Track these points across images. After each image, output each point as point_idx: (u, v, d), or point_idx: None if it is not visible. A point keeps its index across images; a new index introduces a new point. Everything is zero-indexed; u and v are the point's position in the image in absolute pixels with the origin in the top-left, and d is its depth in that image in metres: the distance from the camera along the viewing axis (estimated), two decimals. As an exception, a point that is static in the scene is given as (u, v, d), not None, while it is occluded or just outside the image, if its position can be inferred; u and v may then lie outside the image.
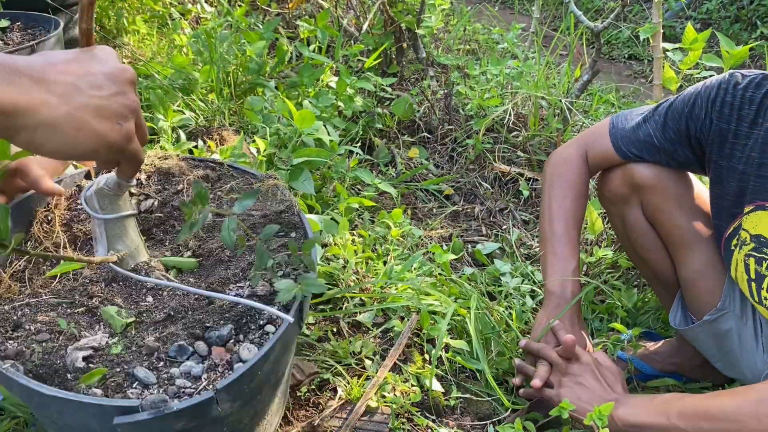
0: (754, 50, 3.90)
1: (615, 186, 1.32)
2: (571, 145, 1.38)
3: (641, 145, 1.26)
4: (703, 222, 1.26)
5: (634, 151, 1.27)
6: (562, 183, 1.35)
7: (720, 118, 1.14)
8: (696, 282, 1.28)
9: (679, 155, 1.22)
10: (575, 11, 2.31)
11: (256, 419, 0.94)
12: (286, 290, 0.88)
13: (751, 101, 1.10)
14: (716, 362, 1.33)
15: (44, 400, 0.75)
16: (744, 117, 1.11)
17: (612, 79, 3.59)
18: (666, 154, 1.24)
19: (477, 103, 2.33)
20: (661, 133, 1.23)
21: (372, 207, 1.93)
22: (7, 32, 1.90)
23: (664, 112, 1.24)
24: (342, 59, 2.50)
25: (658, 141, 1.23)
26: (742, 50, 1.63)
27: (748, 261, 1.12)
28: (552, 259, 1.31)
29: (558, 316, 1.26)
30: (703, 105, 1.16)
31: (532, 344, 1.26)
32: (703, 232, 1.26)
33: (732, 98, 1.12)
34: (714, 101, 1.14)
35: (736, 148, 1.12)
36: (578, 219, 1.34)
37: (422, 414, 1.28)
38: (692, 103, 1.18)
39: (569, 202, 1.33)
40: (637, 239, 1.34)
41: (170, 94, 2.11)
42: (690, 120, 1.19)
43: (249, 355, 0.82)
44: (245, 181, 1.18)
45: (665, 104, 1.25)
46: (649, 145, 1.25)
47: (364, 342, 1.39)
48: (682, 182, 1.27)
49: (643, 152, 1.26)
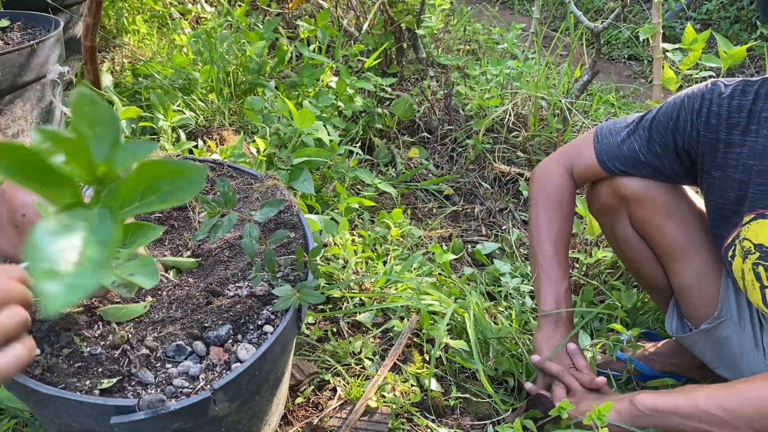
0: (754, 51, 3.89)
1: (603, 198, 1.31)
2: (556, 160, 1.36)
3: (626, 161, 1.24)
4: (694, 232, 1.24)
5: (620, 167, 1.25)
6: (549, 204, 1.34)
7: (707, 129, 1.12)
8: (690, 291, 1.27)
9: (666, 169, 1.21)
10: (575, 11, 2.31)
11: (255, 419, 0.94)
12: (283, 299, 0.87)
13: (740, 109, 1.09)
14: (716, 368, 1.32)
15: (42, 399, 0.75)
16: (734, 125, 1.10)
17: (612, 80, 3.59)
18: (652, 168, 1.22)
19: (477, 103, 2.33)
20: (646, 148, 1.21)
21: (372, 207, 1.93)
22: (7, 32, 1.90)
23: (647, 125, 1.22)
24: (342, 59, 2.50)
25: (644, 156, 1.22)
26: (740, 50, 1.63)
27: (757, 269, 1.11)
28: (545, 282, 1.31)
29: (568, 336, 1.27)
30: (688, 117, 1.15)
31: (550, 366, 1.24)
32: (694, 242, 1.24)
33: (718, 108, 1.11)
34: (699, 112, 1.13)
35: (729, 156, 1.11)
36: (566, 240, 1.34)
37: (422, 414, 1.28)
38: (676, 117, 1.17)
39: (557, 224, 1.32)
40: (628, 250, 1.33)
41: (170, 94, 2.11)
42: (676, 133, 1.17)
43: (247, 356, 0.82)
44: (245, 181, 1.18)
45: (648, 117, 1.23)
46: (634, 160, 1.23)
47: (364, 342, 1.39)
48: (671, 193, 1.25)
49: (628, 167, 1.24)
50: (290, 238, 1.05)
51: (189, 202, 1.14)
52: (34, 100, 1.80)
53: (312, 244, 1.00)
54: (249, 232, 0.83)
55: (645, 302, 1.67)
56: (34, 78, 1.74)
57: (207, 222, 0.82)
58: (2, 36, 1.87)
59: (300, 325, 0.92)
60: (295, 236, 1.05)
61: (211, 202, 0.82)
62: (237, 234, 1.06)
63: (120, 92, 2.17)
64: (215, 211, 0.82)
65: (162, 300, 0.94)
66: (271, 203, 0.87)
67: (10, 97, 1.71)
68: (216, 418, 0.79)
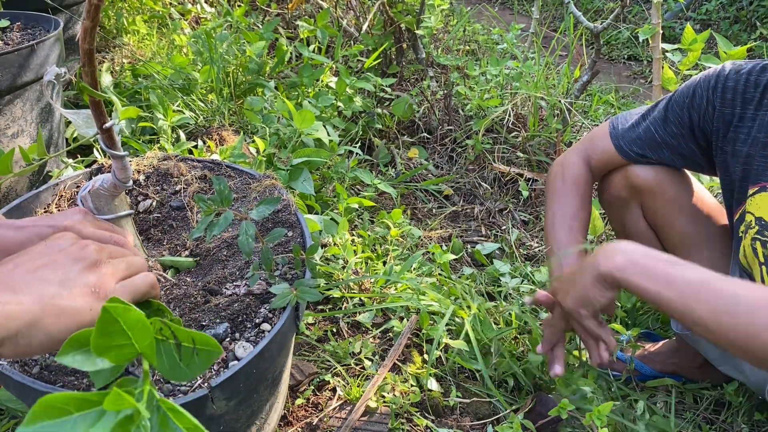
0: (753, 51, 3.89)
1: (615, 189, 1.31)
2: (573, 151, 1.36)
3: (643, 143, 1.24)
4: (705, 226, 1.25)
5: (637, 150, 1.25)
6: (566, 192, 1.32)
7: (723, 104, 1.13)
8: None
9: (683, 149, 1.21)
10: (575, 12, 2.31)
11: (253, 418, 0.94)
12: (280, 297, 0.87)
13: (756, 84, 1.10)
14: (719, 365, 1.33)
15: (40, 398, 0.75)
16: (749, 100, 1.10)
17: (611, 80, 3.59)
18: (669, 149, 1.22)
19: (476, 103, 2.33)
20: (662, 129, 1.22)
21: (371, 207, 1.93)
22: (7, 32, 1.90)
23: (663, 107, 1.23)
24: (342, 59, 2.50)
25: (660, 137, 1.22)
26: (740, 50, 1.63)
27: (755, 245, 1.11)
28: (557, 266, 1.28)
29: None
30: (703, 93, 1.15)
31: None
32: (704, 236, 1.25)
33: (734, 83, 1.12)
34: (715, 88, 1.14)
35: (740, 131, 1.12)
36: (583, 229, 1.30)
37: (421, 414, 1.27)
38: (692, 94, 1.18)
39: (572, 211, 1.30)
40: (637, 242, 1.33)
41: (170, 94, 2.11)
42: (692, 110, 1.18)
43: (244, 354, 0.82)
44: (243, 181, 1.18)
45: (664, 99, 1.24)
46: (651, 141, 1.23)
47: (364, 342, 1.39)
48: (683, 185, 1.26)
49: (645, 150, 1.24)
50: (288, 237, 1.05)
51: (187, 201, 1.14)
52: (33, 100, 1.80)
53: (310, 242, 1.00)
54: (246, 230, 0.83)
55: (644, 302, 1.67)
56: (33, 78, 1.74)
57: (203, 220, 0.82)
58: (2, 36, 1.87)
59: (298, 323, 0.92)
60: (292, 235, 1.05)
61: (207, 201, 0.82)
62: (235, 233, 1.06)
63: (120, 92, 2.17)
64: (211, 209, 0.82)
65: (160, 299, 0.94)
66: (267, 201, 0.87)
67: (9, 97, 1.71)
68: (213, 417, 0.78)
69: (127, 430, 0.42)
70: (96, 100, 0.72)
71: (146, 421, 0.43)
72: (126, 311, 0.46)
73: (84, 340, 0.48)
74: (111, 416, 0.42)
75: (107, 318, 0.45)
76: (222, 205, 0.83)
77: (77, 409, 0.42)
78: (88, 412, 0.42)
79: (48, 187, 1.11)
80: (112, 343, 0.46)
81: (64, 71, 0.85)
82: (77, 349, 0.48)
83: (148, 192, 1.15)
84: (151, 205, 1.13)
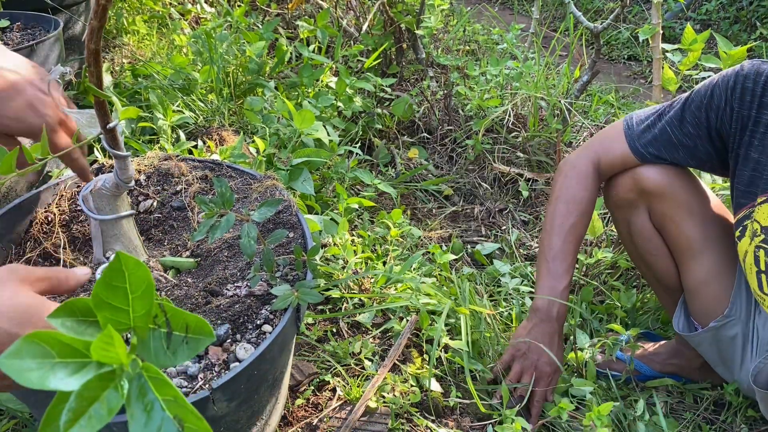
0: (753, 51, 3.90)
1: (623, 191, 1.30)
2: (583, 153, 1.34)
3: (659, 144, 1.23)
4: (711, 230, 1.24)
5: (653, 151, 1.24)
6: (570, 198, 1.32)
7: (741, 106, 1.11)
8: (701, 290, 1.26)
9: (699, 150, 1.20)
10: (575, 12, 2.31)
11: (254, 419, 0.94)
12: (282, 298, 0.87)
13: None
14: (716, 367, 1.33)
15: (41, 399, 0.75)
16: (766, 104, 1.09)
17: (611, 80, 3.59)
18: (686, 150, 1.21)
19: (476, 103, 2.33)
20: (679, 129, 1.20)
21: (371, 207, 1.93)
22: (7, 32, 1.90)
23: (680, 106, 1.21)
24: (342, 59, 2.50)
25: (676, 137, 1.21)
26: (740, 51, 1.63)
27: (758, 253, 1.10)
28: (545, 275, 1.30)
29: None
30: (722, 94, 1.14)
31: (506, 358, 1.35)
32: (711, 240, 1.24)
33: (753, 85, 1.10)
34: (734, 89, 1.12)
35: (755, 136, 1.10)
36: (578, 236, 1.32)
37: (421, 414, 1.27)
38: (710, 94, 1.16)
39: (573, 219, 1.31)
40: (643, 245, 1.32)
41: (170, 94, 2.11)
42: (710, 110, 1.16)
43: (245, 355, 0.82)
44: (244, 181, 1.18)
45: (680, 99, 1.22)
46: (667, 143, 1.22)
47: (364, 342, 1.39)
48: (692, 189, 1.25)
49: (661, 151, 1.23)
50: (289, 238, 1.05)
51: (188, 201, 1.14)
52: (33, 101, 1.80)
53: (311, 243, 1.00)
54: (247, 232, 0.83)
55: (644, 302, 1.67)
56: (33, 78, 1.74)
57: (205, 222, 0.82)
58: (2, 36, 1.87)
59: (299, 324, 0.92)
60: (293, 236, 1.05)
61: (209, 203, 0.82)
62: (236, 234, 1.06)
63: (120, 92, 2.17)
64: (213, 211, 0.82)
65: (161, 300, 0.94)
66: (269, 203, 0.87)
67: (9, 97, 1.70)
68: (215, 418, 0.78)
69: (105, 387, 0.42)
70: (101, 100, 0.72)
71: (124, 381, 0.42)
72: (137, 266, 0.45)
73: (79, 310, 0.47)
74: (91, 370, 0.42)
75: (115, 266, 0.44)
76: (224, 207, 0.83)
77: (60, 355, 0.41)
78: (70, 361, 0.41)
79: (48, 186, 1.11)
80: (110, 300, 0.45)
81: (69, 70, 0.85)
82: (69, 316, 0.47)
83: (148, 192, 1.15)
84: (151, 206, 1.13)
